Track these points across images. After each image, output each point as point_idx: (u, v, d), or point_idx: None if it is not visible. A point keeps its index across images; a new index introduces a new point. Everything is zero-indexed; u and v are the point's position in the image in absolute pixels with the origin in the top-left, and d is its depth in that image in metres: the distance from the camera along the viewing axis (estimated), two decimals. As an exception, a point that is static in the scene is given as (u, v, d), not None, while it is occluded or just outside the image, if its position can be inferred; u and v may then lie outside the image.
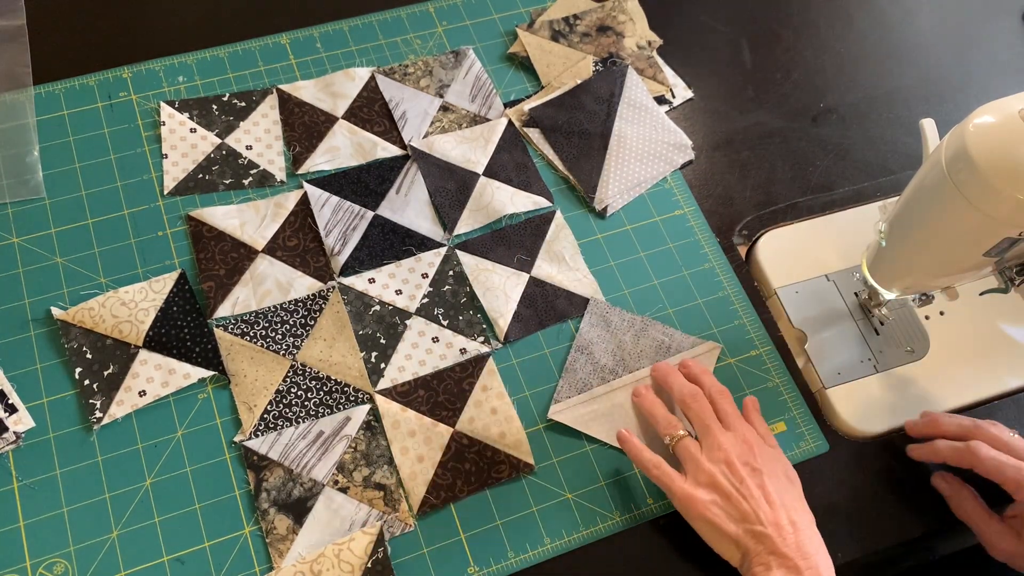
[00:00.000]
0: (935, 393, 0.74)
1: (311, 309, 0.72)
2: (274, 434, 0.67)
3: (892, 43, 0.94)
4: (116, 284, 0.72)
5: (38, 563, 0.62)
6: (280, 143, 0.80)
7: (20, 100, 0.79)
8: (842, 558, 0.66)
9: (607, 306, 0.74)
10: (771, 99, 0.89)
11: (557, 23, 0.89)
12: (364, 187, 0.78)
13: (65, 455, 0.65)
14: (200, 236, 0.74)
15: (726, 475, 0.61)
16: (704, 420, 0.64)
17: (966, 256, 0.62)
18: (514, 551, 0.65)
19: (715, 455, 0.62)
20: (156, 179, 0.77)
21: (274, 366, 0.69)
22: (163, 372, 0.68)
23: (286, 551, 0.63)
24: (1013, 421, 0.74)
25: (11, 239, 0.73)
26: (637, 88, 0.86)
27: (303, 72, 0.84)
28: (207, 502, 0.65)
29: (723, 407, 0.66)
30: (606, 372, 0.71)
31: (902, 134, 0.88)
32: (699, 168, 0.84)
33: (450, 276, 0.75)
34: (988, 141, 0.56)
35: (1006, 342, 0.77)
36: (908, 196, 0.64)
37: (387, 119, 0.82)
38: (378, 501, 0.65)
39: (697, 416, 0.65)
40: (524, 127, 0.83)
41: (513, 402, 0.70)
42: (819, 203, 0.83)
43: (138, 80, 0.81)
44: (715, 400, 0.66)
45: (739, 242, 0.81)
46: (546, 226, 0.78)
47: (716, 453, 0.62)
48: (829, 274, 0.79)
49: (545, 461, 0.68)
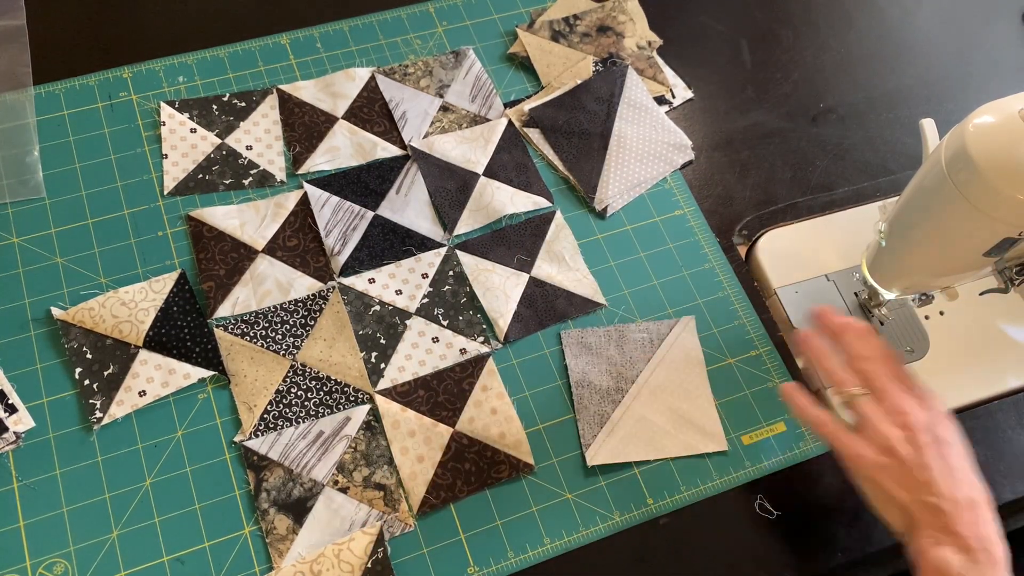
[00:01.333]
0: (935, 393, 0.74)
1: (311, 309, 0.72)
2: (274, 434, 0.67)
3: (892, 43, 0.94)
4: (116, 284, 0.72)
5: (38, 563, 0.62)
6: (280, 143, 0.80)
7: (20, 100, 0.79)
8: (842, 558, 0.66)
9: (579, 331, 0.73)
10: (771, 99, 0.89)
11: (557, 23, 0.89)
12: (364, 187, 0.78)
13: (65, 455, 0.65)
14: (200, 236, 0.74)
15: (906, 441, 0.57)
16: (882, 381, 0.59)
17: (966, 256, 0.62)
18: (514, 551, 0.65)
19: (896, 419, 0.58)
20: (156, 179, 0.77)
21: (274, 366, 0.70)
22: (163, 372, 0.68)
23: (286, 551, 0.63)
24: (1013, 421, 0.74)
25: (11, 239, 0.73)
26: (637, 88, 0.86)
27: (303, 72, 0.84)
28: (207, 502, 0.65)
29: (899, 372, 0.61)
30: (613, 393, 0.71)
31: (902, 134, 0.88)
32: (699, 168, 0.84)
33: (450, 276, 0.75)
34: (988, 141, 0.56)
35: (1006, 342, 0.77)
36: (908, 196, 0.64)
37: (387, 119, 0.82)
38: (378, 501, 0.65)
39: (875, 375, 0.60)
40: (524, 127, 0.83)
41: (513, 402, 0.70)
42: (819, 203, 0.83)
43: (138, 80, 0.81)
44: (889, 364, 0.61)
45: (739, 242, 0.81)
46: (546, 226, 0.78)
47: (897, 417, 0.58)
48: (829, 274, 0.79)
49: (545, 461, 0.68)
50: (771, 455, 0.70)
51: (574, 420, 0.70)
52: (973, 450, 0.72)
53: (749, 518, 0.66)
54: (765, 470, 0.69)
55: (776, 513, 0.68)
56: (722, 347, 0.74)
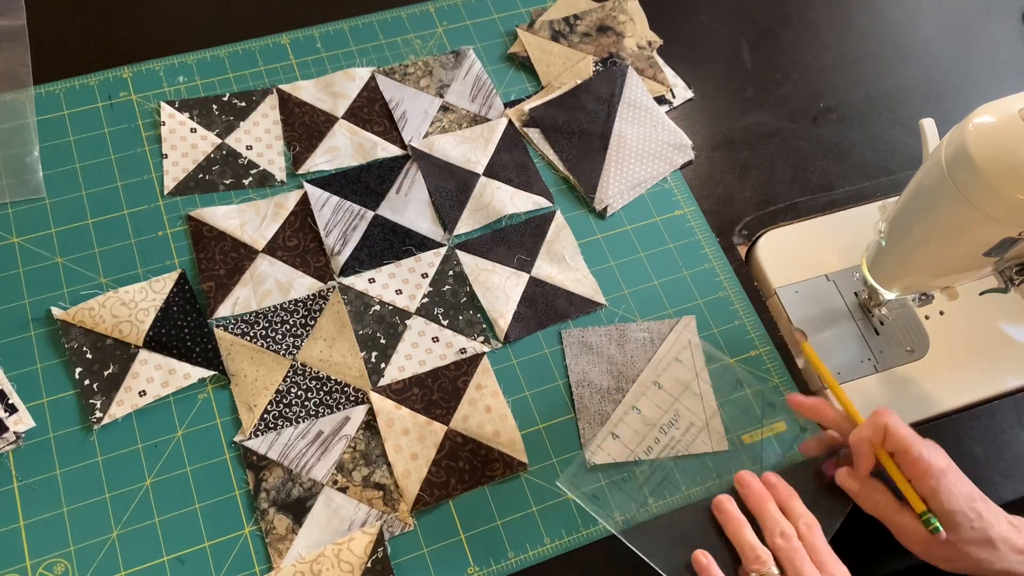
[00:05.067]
0: (935, 393, 0.74)
1: (311, 309, 0.72)
2: (274, 434, 0.67)
3: (892, 43, 0.94)
4: (116, 284, 0.72)
5: (38, 563, 0.62)
6: (280, 143, 0.80)
7: (20, 100, 0.79)
8: (842, 558, 0.66)
9: (580, 331, 0.74)
10: (771, 99, 0.89)
11: (557, 23, 0.89)
12: (364, 187, 0.78)
13: (65, 455, 0.65)
14: (200, 236, 0.74)
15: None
16: (795, 562, 0.60)
17: (966, 256, 0.62)
18: (514, 551, 0.65)
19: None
20: (156, 179, 0.77)
21: (274, 366, 0.70)
22: (163, 372, 0.68)
23: (286, 551, 0.63)
24: (1013, 421, 0.74)
25: (11, 239, 0.73)
26: (637, 88, 0.86)
27: (303, 72, 0.84)
28: (207, 502, 0.65)
29: (813, 542, 0.62)
30: (613, 393, 0.71)
31: (902, 134, 0.88)
32: (699, 168, 0.84)
33: (450, 276, 0.75)
34: (988, 141, 0.56)
35: (1006, 342, 0.77)
36: (908, 196, 0.64)
37: (387, 119, 0.82)
38: (377, 501, 0.65)
39: (787, 558, 0.61)
40: (524, 127, 0.83)
41: (512, 402, 0.70)
42: (819, 203, 0.83)
43: (138, 80, 0.81)
44: (804, 535, 0.62)
45: (739, 242, 0.81)
46: (546, 226, 0.78)
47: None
48: (829, 274, 0.79)
49: (545, 461, 0.68)
50: (772, 455, 0.70)
51: (574, 420, 0.70)
52: (973, 450, 0.72)
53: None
54: (765, 470, 0.69)
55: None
56: (722, 347, 0.74)
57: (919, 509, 0.61)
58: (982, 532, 0.59)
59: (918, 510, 0.61)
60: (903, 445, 0.61)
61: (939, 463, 0.61)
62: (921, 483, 0.61)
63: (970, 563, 0.60)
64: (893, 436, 0.61)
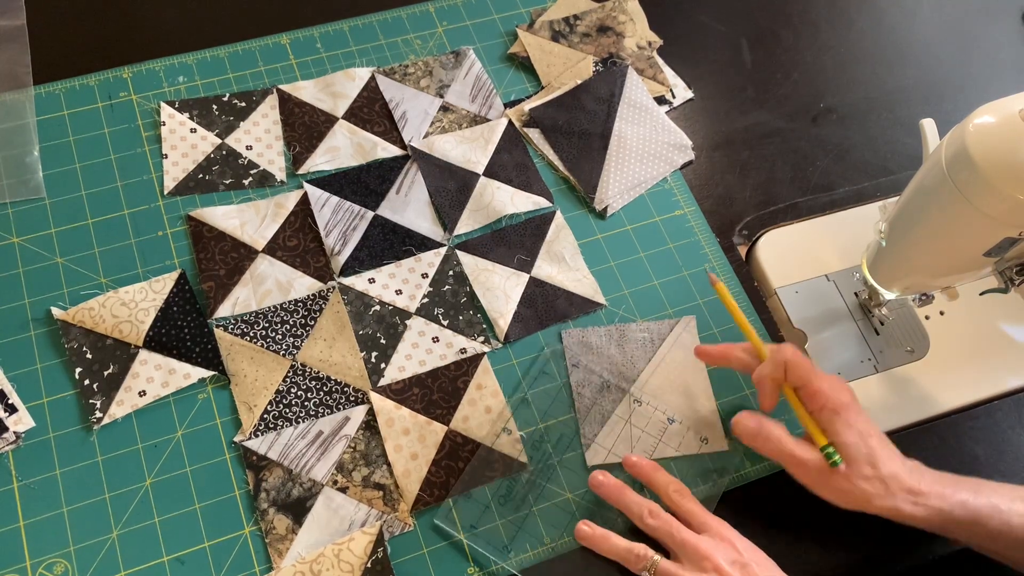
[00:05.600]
0: (935, 393, 0.74)
1: (311, 309, 0.72)
2: (273, 434, 0.67)
3: (892, 43, 0.94)
4: (116, 284, 0.72)
5: (38, 563, 0.62)
6: (280, 143, 0.80)
7: (20, 100, 0.79)
8: (844, 558, 0.66)
9: (580, 331, 0.73)
10: (771, 99, 0.89)
11: (557, 23, 0.89)
12: (364, 187, 0.78)
13: (65, 455, 0.65)
14: (200, 236, 0.74)
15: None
16: (673, 534, 0.61)
17: (966, 256, 0.62)
18: (514, 551, 0.65)
19: (702, 565, 0.59)
20: (156, 179, 0.77)
21: (274, 366, 0.70)
22: (163, 372, 0.68)
23: (286, 551, 0.63)
24: (1013, 421, 0.74)
25: (11, 239, 0.73)
26: (637, 88, 0.86)
27: (303, 72, 0.84)
28: (207, 502, 0.65)
29: (687, 507, 0.63)
30: (614, 392, 0.71)
31: (902, 134, 0.88)
32: (699, 168, 0.84)
33: (450, 276, 0.75)
34: (988, 141, 0.56)
35: (1006, 342, 0.77)
36: (908, 196, 0.64)
37: (387, 119, 0.82)
38: (377, 501, 0.65)
39: (665, 533, 0.61)
40: (524, 127, 0.83)
41: (512, 402, 0.70)
42: (819, 203, 0.83)
43: (138, 80, 0.81)
44: (676, 502, 0.63)
45: (739, 242, 0.81)
46: (546, 226, 0.78)
47: (703, 563, 0.59)
48: (829, 274, 0.79)
49: (545, 461, 0.68)
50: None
51: (574, 420, 0.70)
52: (973, 450, 0.72)
53: (751, 518, 0.66)
54: (765, 470, 0.69)
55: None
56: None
57: (821, 442, 0.61)
58: (875, 468, 0.60)
59: (820, 443, 0.61)
60: (804, 379, 0.62)
61: (840, 397, 0.61)
62: (821, 415, 0.62)
63: (861, 498, 0.60)
64: (794, 370, 0.62)
